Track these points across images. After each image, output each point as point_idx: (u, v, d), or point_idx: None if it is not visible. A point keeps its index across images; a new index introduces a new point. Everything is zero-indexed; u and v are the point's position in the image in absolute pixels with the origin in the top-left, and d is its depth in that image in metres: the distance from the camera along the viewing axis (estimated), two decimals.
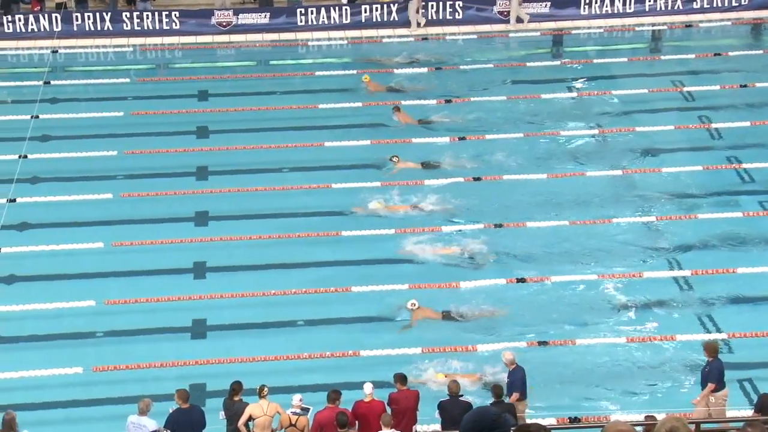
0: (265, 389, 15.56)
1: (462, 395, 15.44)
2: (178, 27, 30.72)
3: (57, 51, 29.61)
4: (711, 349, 15.99)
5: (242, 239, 21.30)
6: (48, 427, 16.09)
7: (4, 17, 30.19)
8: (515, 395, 15.83)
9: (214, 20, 30.86)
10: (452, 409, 15.24)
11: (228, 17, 30.95)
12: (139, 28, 30.59)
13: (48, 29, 30.23)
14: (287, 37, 30.75)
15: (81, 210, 22.22)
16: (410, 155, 24.17)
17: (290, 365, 18.04)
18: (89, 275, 20.34)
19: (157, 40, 30.49)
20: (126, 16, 30.62)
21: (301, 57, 30.02)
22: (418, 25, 30.85)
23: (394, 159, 23.51)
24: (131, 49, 30.16)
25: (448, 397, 15.45)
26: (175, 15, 30.75)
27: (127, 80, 28.43)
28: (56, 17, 30.21)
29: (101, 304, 19.40)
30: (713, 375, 15.83)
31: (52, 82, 27.58)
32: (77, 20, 30.40)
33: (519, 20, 31.03)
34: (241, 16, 30.94)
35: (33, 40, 30.14)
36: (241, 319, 19.22)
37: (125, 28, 30.54)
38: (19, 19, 30.22)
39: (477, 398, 16.18)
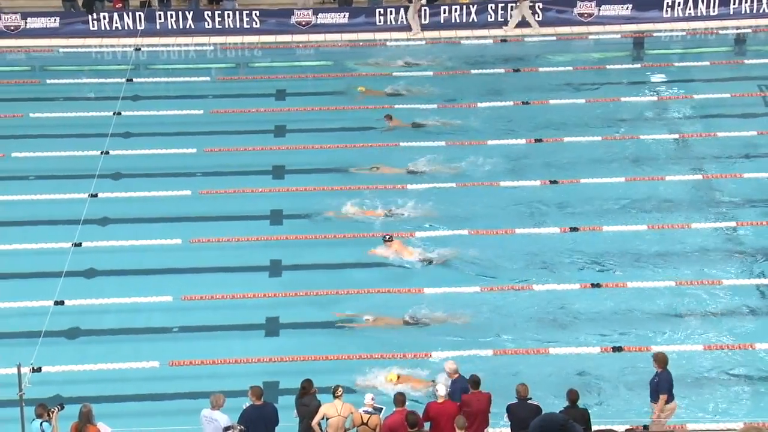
0: (340, 389, 15.60)
1: (530, 398, 15.33)
2: (258, 26, 30.99)
3: (140, 49, 30.06)
4: (660, 359, 15.76)
5: (317, 238, 21.39)
6: (123, 420, 16.29)
7: (89, 15, 30.73)
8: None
9: (293, 19, 31.06)
10: (521, 412, 15.14)
11: (307, 17, 31.13)
12: (221, 27, 30.92)
13: (131, 27, 30.71)
14: (365, 37, 30.83)
15: (160, 206, 22.51)
16: (492, 155, 24.04)
17: (362, 364, 18.06)
18: (167, 271, 20.60)
19: (238, 39, 30.80)
20: (207, 15, 30.97)
21: (379, 57, 30.04)
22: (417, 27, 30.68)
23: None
24: (212, 47, 30.52)
25: (516, 401, 15.35)
26: (256, 14, 31.02)
27: (208, 79, 28.76)
28: (140, 15, 30.68)
29: (178, 300, 19.63)
30: (663, 386, 15.56)
31: (135, 80, 28.00)
32: (160, 19, 30.84)
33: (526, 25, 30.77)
34: (320, 15, 31.10)
35: (117, 38, 30.64)
36: (314, 318, 19.29)
37: (207, 26, 30.89)
38: (104, 17, 30.74)
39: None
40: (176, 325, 19.23)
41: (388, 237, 20.79)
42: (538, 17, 31.05)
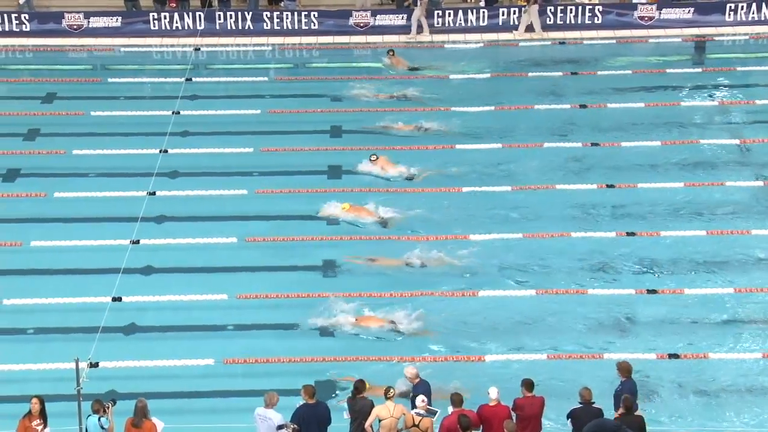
0: (392, 390, 15.61)
1: (594, 402, 15.21)
2: (316, 27, 31.11)
3: (199, 49, 30.31)
4: (624, 368, 15.66)
5: (371, 239, 21.40)
6: (178, 417, 16.42)
7: (151, 15, 31.03)
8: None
9: (351, 21, 31.15)
10: (585, 416, 15.03)
11: (365, 18, 31.19)
12: (279, 28, 31.09)
13: (191, 27, 30.98)
14: (423, 39, 30.80)
15: (216, 205, 22.67)
16: (548, 158, 23.93)
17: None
18: (222, 269, 20.72)
19: (296, 39, 30.95)
20: (266, 15, 31.15)
21: (434, 59, 30.01)
22: (420, 31, 30.56)
23: (372, 158, 23.41)
24: (270, 48, 30.69)
25: (579, 405, 15.24)
26: (314, 15, 31.15)
27: (266, 79, 28.92)
28: (200, 15, 30.95)
29: (233, 298, 19.75)
30: (627, 395, 15.30)
31: (193, 79, 28.23)
32: (220, 19, 31.08)
33: (531, 29, 30.53)
34: (378, 17, 31.15)
35: (177, 37, 30.92)
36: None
37: (265, 27, 31.07)
38: (165, 17, 31.05)
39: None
40: (231, 323, 19.33)
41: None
42: (598, 20, 30.84)
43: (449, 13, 31.06)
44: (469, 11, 31.12)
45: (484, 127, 25.70)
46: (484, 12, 31.09)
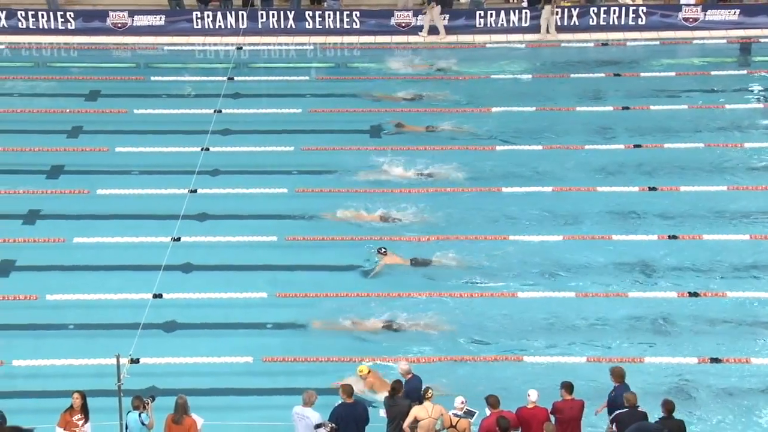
0: (430, 391, 15.60)
1: (639, 405, 15.12)
2: (358, 27, 31.13)
3: (241, 47, 30.43)
4: (617, 374, 15.62)
5: (411, 240, 21.38)
6: (216, 413, 16.49)
7: (194, 13, 31.20)
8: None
9: (393, 21, 31.14)
10: (630, 421, 14.94)
11: (407, 18, 31.17)
12: (321, 27, 31.14)
13: (234, 26, 31.12)
14: (465, 39, 30.76)
15: (257, 203, 22.74)
16: (590, 159, 23.79)
17: (453, 366, 18.03)
18: (262, 267, 20.77)
19: (338, 39, 30.99)
20: (309, 15, 31.21)
21: (478, 60, 29.94)
22: (432, 32, 30.46)
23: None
24: (312, 47, 30.75)
25: (625, 409, 15.14)
26: (356, 15, 31.17)
27: (307, 78, 28.99)
28: (242, 14, 31.07)
29: (273, 296, 19.80)
30: (620, 401, 15.29)
31: (235, 78, 28.34)
32: (262, 18, 31.19)
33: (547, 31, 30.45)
34: (420, 17, 31.11)
35: (219, 36, 31.07)
36: (408, 319, 19.26)
37: (307, 26, 31.14)
38: (208, 16, 31.21)
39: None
40: (270, 321, 19.38)
41: (382, 250, 20.40)
42: (642, 21, 30.62)
43: (491, 14, 30.96)
44: (512, 12, 31.02)
45: (525, 129, 25.61)
46: (526, 12, 30.98)
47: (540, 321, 19.15)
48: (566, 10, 30.78)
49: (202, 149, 24.19)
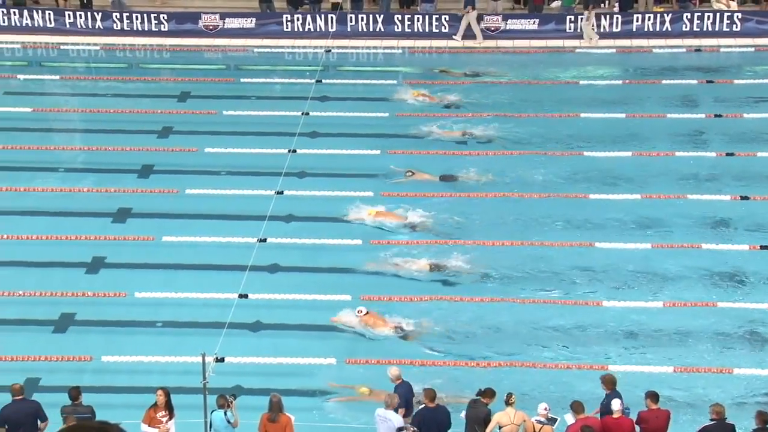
0: (513, 396, 15.51)
1: (726, 417, 14.82)
2: (447, 30, 31.10)
3: (330, 50, 30.62)
4: (608, 381, 15.63)
5: (485, 244, 21.23)
6: (300, 413, 16.53)
7: (284, 16, 31.49)
8: (401, 411, 15.48)
9: (483, 25, 31.02)
10: None
11: (497, 22, 31.04)
12: (410, 31, 31.17)
13: (323, 29, 31.31)
14: (554, 44, 30.53)
15: (343, 206, 22.78)
16: (680, 167, 23.45)
17: (513, 371, 17.88)
18: (347, 270, 20.81)
19: (426, 43, 30.98)
20: (398, 18, 31.26)
21: (568, 65, 29.70)
22: (465, 36, 30.28)
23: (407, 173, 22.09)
24: (401, 51, 30.80)
25: (712, 422, 14.86)
26: (445, 19, 31.14)
27: (395, 82, 29.01)
28: (332, 17, 31.25)
29: (357, 299, 19.83)
30: (608, 407, 15.21)
31: (324, 81, 28.50)
32: (351, 21, 31.33)
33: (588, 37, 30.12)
34: (510, 21, 30.97)
35: (309, 39, 31.29)
36: (485, 324, 19.16)
37: (396, 30, 31.19)
38: (297, 19, 31.45)
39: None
40: (354, 324, 19.39)
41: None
42: (736, 27, 30.07)
43: (581, 19, 30.67)
44: (602, 17, 30.70)
45: (613, 135, 25.30)
46: (617, 17, 30.63)
47: (627, 330, 18.87)
48: (659, 15, 30.37)
49: (289, 151, 24.35)
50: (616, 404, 15.12)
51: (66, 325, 19.24)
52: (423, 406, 15.51)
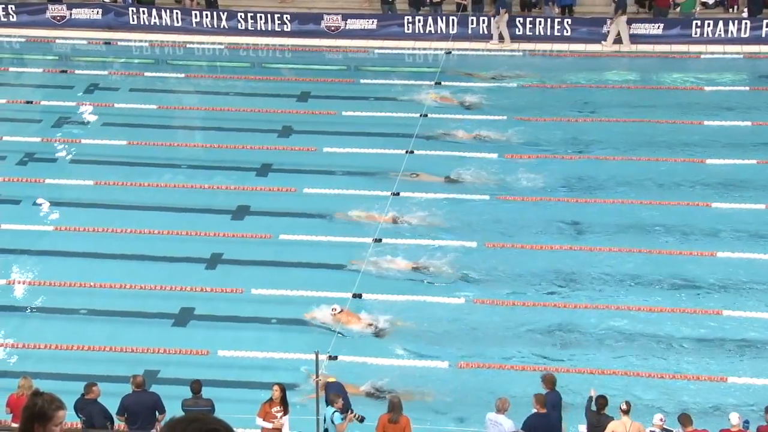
0: (625, 404, 15.26)
1: None
2: (569, 34, 30.80)
3: (450, 52, 30.58)
4: (548, 380, 15.71)
5: (611, 251, 20.96)
6: (419, 413, 16.49)
7: (406, 18, 31.58)
8: (340, 402, 15.38)
9: (605, 29, 30.62)
10: None
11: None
12: (531, 34, 30.94)
13: (444, 31, 31.29)
14: (679, 49, 29.96)
15: (458, 209, 22.70)
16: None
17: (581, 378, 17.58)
18: (461, 273, 20.71)
19: (547, 46, 30.72)
20: (519, 21, 31.06)
21: (692, 70, 29.12)
22: (501, 39, 29.91)
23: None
24: (521, 54, 30.59)
25: None
26: (568, 23, 30.85)
27: (514, 85, 28.81)
28: (452, 20, 31.21)
29: (470, 302, 19.76)
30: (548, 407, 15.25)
31: (443, 83, 28.46)
32: (472, 24, 31.24)
33: (619, 41, 29.51)
34: (633, 25, 30.50)
35: (429, 41, 31.31)
36: (602, 332, 18.90)
37: (517, 32, 30.98)
38: (419, 21, 31.51)
39: None
40: (467, 327, 19.34)
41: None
42: None
43: (708, 24, 30.04)
44: (731, 22, 30.00)
45: (738, 143, 24.71)
46: (746, 23, 29.90)
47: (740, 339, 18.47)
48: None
49: (406, 152, 24.40)
50: (734, 418, 14.76)
51: (185, 319, 19.61)
52: (534, 411, 15.37)
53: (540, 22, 30.91)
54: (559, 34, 30.75)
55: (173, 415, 5.38)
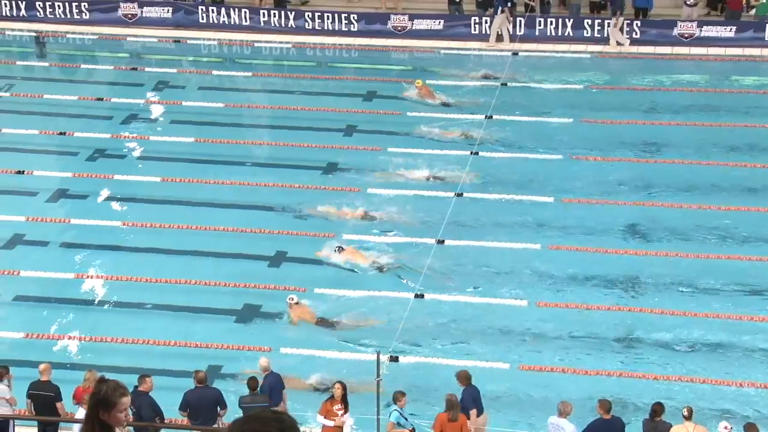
0: (686, 409, 15.08)
1: None
2: (638, 36, 30.61)
3: (517, 54, 30.45)
4: (463, 377, 15.97)
5: (669, 255, 20.69)
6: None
7: (473, 19, 31.49)
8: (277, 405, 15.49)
9: (676, 31, 30.30)
10: None
11: (691, 29, 30.26)
12: (599, 36, 30.75)
13: (511, 32, 31.13)
14: (751, 53, 29.51)
15: (522, 211, 22.60)
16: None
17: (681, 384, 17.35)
18: (525, 275, 20.63)
19: (615, 48, 30.44)
20: (587, 23, 30.84)
21: (764, 73, 28.71)
22: (500, 39, 29.87)
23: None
24: (589, 56, 30.40)
25: None
26: (637, 25, 30.58)
27: (580, 87, 28.58)
28: (520, 21, 31.08)
29: (533, 305, 19.65)
30: (468, 402, 15.63)
31: (509, 84, 28.33)
32: (539, 25, 31.08)
33: (618, 44, 29.24)
34: (704, 28, 30.13)
35: (498, 43, 31.20)
36: (671, 340, 18.70)
37: (585, 34, 30.76)
38: (486, 21, 31.41)
39: None
40: (528, 329, 19.24)
41: (338, 247, 20.65)
42: None
43: (608, 24, 29.97)
44: None
45: None
46: None
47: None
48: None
49: (471, 153, 24.34)
50: None
51: (248, 315, 19.73)
52: (598, 417, 15.23)
53: (609, 24, 30.62)
54: (628, 36, 30.46)
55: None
